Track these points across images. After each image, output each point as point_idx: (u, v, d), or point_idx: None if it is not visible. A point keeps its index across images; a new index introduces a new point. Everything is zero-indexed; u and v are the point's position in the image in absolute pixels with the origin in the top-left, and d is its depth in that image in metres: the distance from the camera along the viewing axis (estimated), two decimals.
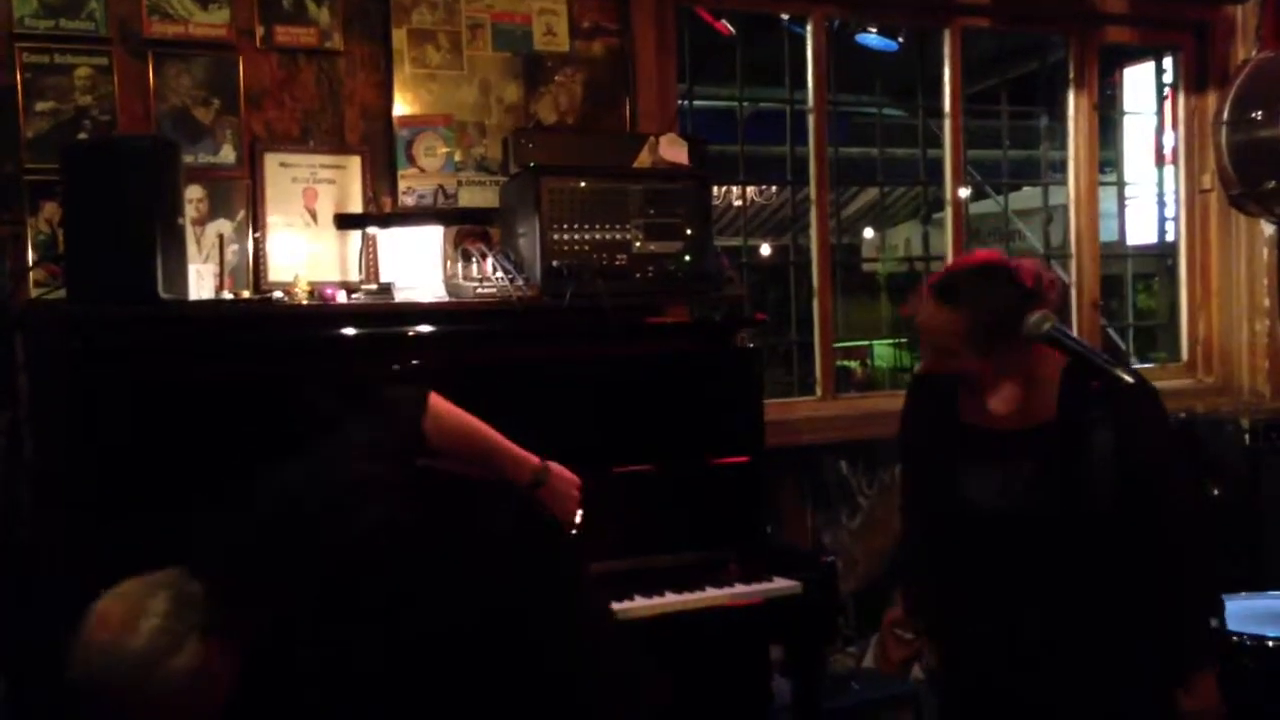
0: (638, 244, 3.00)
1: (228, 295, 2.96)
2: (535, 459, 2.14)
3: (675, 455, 2.92)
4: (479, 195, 3.34)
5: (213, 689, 1.79)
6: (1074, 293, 4.50)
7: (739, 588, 2.76)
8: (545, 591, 1.98)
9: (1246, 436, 3.92)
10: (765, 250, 8.00)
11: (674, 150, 3.15)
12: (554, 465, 2.16)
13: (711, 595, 2.72)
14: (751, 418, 3.09)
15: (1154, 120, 4.81)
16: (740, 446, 3.02)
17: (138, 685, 1.73)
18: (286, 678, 1.83)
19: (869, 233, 8.63)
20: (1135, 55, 4.87)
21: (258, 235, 3.12)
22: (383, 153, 3.26)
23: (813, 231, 4.09)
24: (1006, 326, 2.16)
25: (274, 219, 3.13)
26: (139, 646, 1.74)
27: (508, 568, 1.94)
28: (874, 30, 4.27)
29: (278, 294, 2.94)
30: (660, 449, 2.91)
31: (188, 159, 2.94)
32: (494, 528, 1.99)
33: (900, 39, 4.27)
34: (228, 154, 3.12)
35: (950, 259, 4.26)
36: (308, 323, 2.82)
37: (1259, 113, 4.18)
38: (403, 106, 3.29)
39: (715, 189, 4.43)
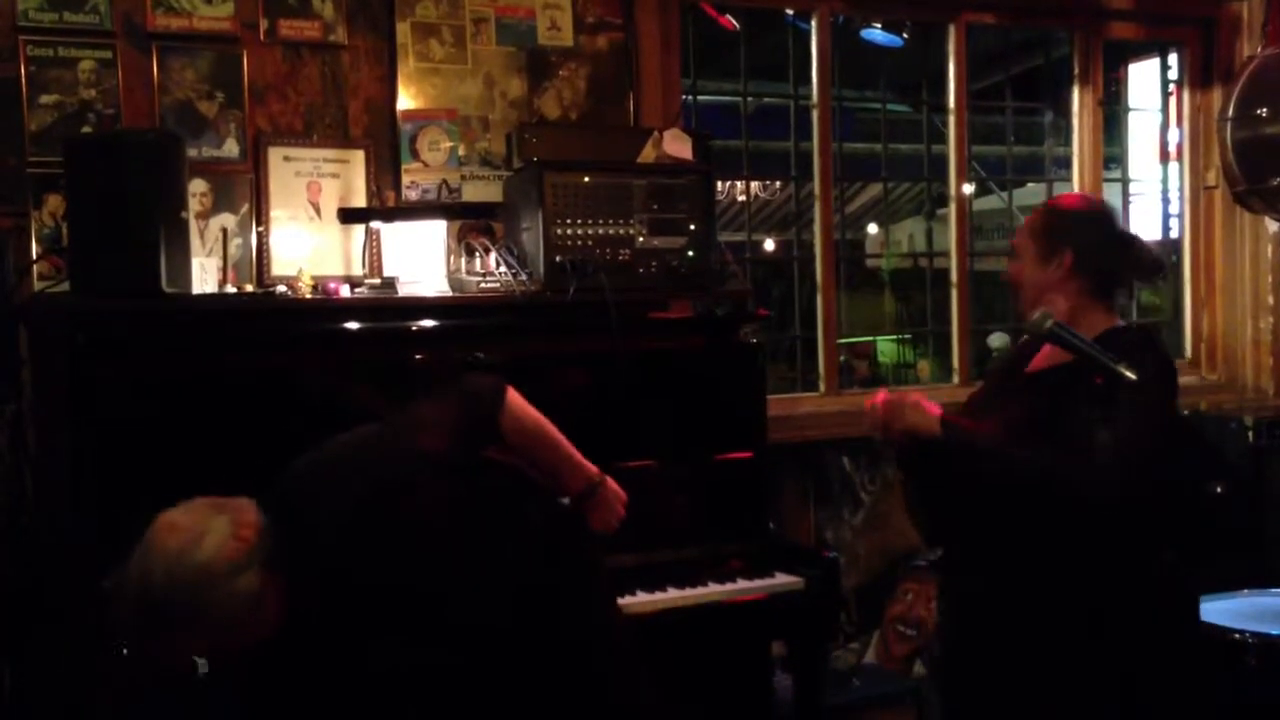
0: (641, 239, 3.00)
1: (231, 289, 2.97)
2: (594, 468, 2.17)
3: (678, 450, 2.92)
4: (482, 190, 3.34)
5: (258, 623, 1.83)
6: None
7: (741, 583, 2.76)
8: (575, 577, 2.07)
9: (1250, 434, 3.92)
10: (769, 245, 7.99)
11: (678, 145, 3.15)
12: (610, 479, 2.19)
13: (713, 591, 2.72)
14: (754, 413, 3.08)
15: (1158, 117, 4.80)
16: (743, 442, 3.01)
17: (196, 596, 1.77)
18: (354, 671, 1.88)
19: (873, 228, 8.62)
20: (1140, 51, 4.85)
21: (261, 229, 3.12)
22: (386, 147, 3.26)
23: (816, 227, 4.09)
24: (1062, 238, 2.29)
25: (277, 213, 3.13)
26: (203, 559, 1.78)
27: (542, 552, 2.02)
28: (878, 25, 4.26)
29: (281, 288, 2.94)
30: (663, 444, 2.91)
31: (191, 153, 2.94)
32: (528, 515, 2.06)
33: (905, 34, 4.26)
34: (231, 148, 3.12)
35: (954, 256, 4.26)
36: (311, 317, 2.82)
37: (1264, 109, 4.16)
38: (406, 100, 3.29)
39: (719, 184, 4.44)
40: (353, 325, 2.75)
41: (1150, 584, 2.25)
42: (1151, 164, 4.89)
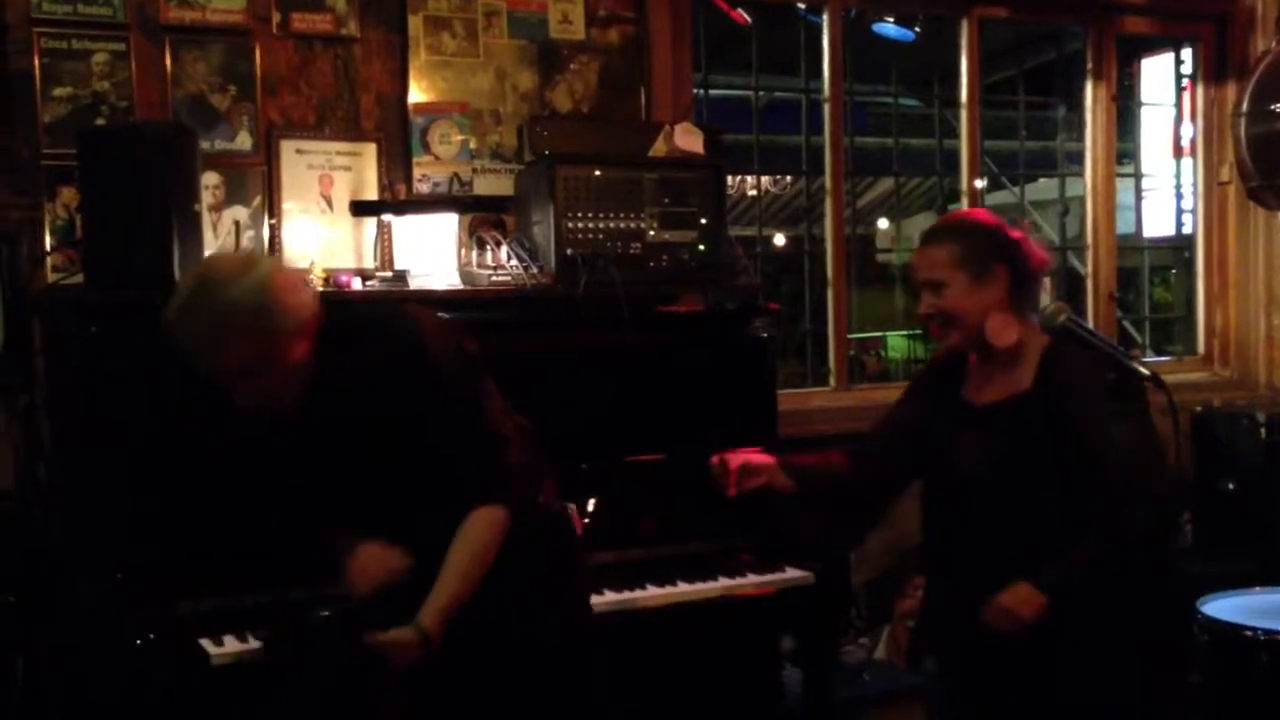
0: (652, 233, 3.00)
1: None
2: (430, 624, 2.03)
3: (688, 444, 2.92)
4: (494, 183, 3.34)
5: (302, 353, 2.01)
6: (1090, 285, 4.48)
7: (751, 577, 2.76)
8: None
9: (1263, 430, 3.90)
10: (780, 240, 7.99)
11: (689, 139, 3.15)
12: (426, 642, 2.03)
13: (723, 585, 2.72)
14: (765, 407, 3.09)
15: (1172, 112, 4.78)
16: (753, 436, 3.00)
17: (263, 292, 1.95)
18: None
19: (884, 223, 8.59)
20: (1154, 46, 4.83)
21: (273, 222, 3.12)
22: (398, 140, 3.27)
23: (827, 222, 4.08)
24: (992, 254, 2.23)
25: (289, 206, 3.14)
26: (266, 267, 2.01)
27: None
28: (890, 20, 4.25)
29: None
30: (673, 438, 2.91)
31: (204, 145, 2.94)
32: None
33: (917, 28, 4.25)
34: (244, 140, 3.12)
35: None
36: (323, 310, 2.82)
37: (1278, 105, 4.15)
38: (418, 94, 3.29)
39: (730, 178, 4.43)
40: None
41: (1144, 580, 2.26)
42: (1165, 159, 4.87)
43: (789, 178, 7.66)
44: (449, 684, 2.06)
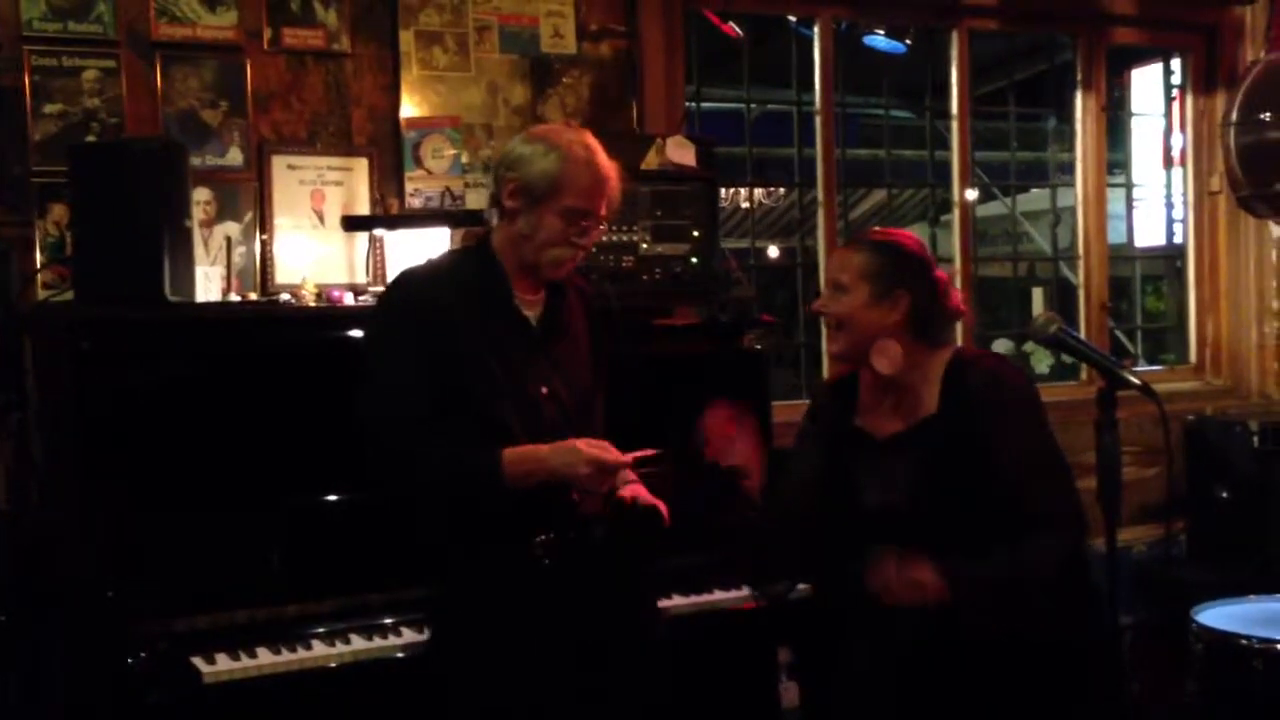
0: (645, 245, 3.00)
1: (235, 298, 2.97)
2: None
3: (683, 456, 2.91)
4: (486, 197, 3.34)
5: None
6: (1082, 295, 4.49)
7: (747, 590, 2.75)
8: None
9: (1255, 439, 3.91)
10: (773, 252, 7.99)
11: (681, 152, 3.15)
12: None
13: (719, 598, 2.71)
14: (759, 419, 3.07)
15: (1162, 122, 4.80)
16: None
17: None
18: None
19: None
20: (1143, 57, 4.86)
21: (265, 237, 3.12)
22: (390, 155, 3.27)
23: (820, 233, 4.09)
24: (901, 281, 2.22)
25: (281, 221, 3.13)
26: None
27: None
28: (881, 32, 4.26)
29: (285, 296, 2.94)
30: (667, 450, 2.89)
31: (195, 161, 2.94)
32: None
33: (908, 40, 4.26)
34: (235, 156, 3.12)
35: (958, 261, 4.25)
36: (315, 325, 2.81)
37: (1267, 114, 4.16)
38: (410, 108, 3.29)
39: (723, 191, 4.44)
40: (357, 333, 2.75)
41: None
42: (1155, 169, 4.90)
43: (782, 189, 7.68)
44: None
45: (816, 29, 4.01)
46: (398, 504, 2.53)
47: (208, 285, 2.87)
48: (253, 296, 3.01)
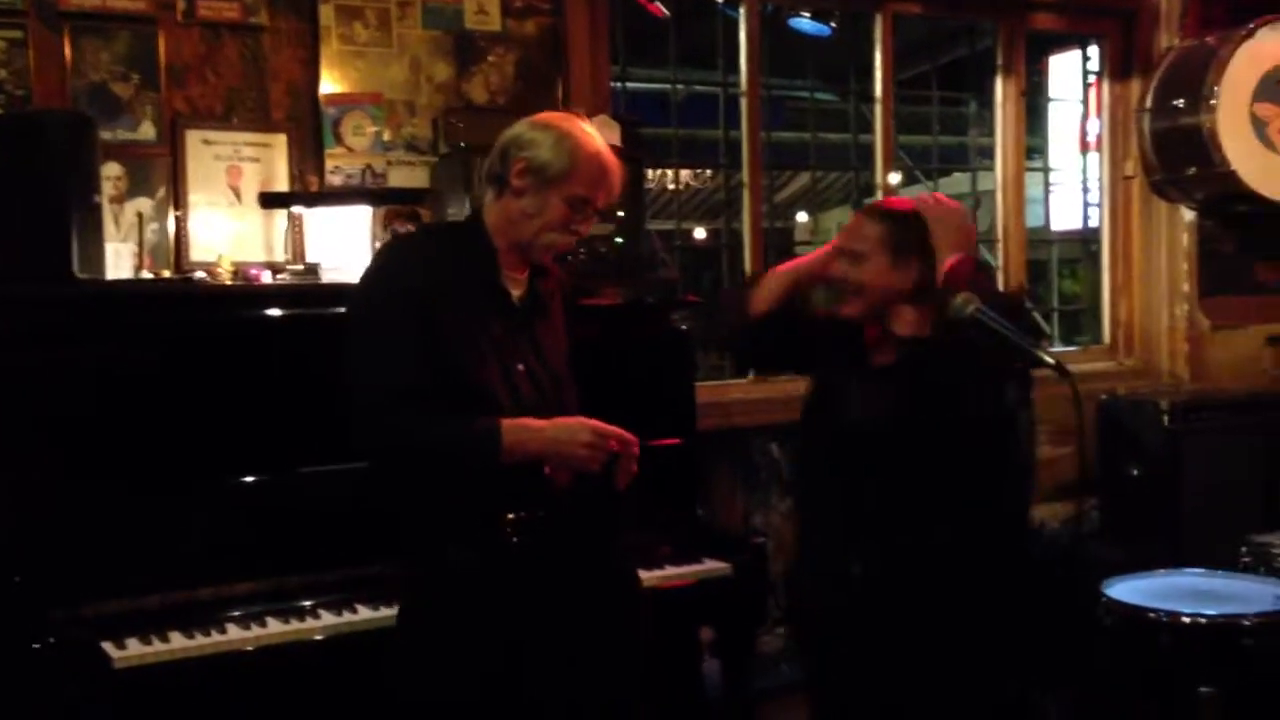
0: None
1: (147, 275, 2.90)
2: None
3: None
4: (409, 175, 3.30)
5: None
6: (1001, 277, 4.57)
7: (669, 570, 2.76)
8: None
9: (1166, 418, 4.01)
10: (699, 234, 8.01)
11: (607, 132, 3.11)
12: None
13: (642, 577, 2.71)
14: (684, 400, 3.09)
15: (1079, 108, 4.89)
16: (672, 429, 3.02)
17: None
18: None
19: (802, 217, 8.66)
20: (1062, 43, 4.94)
21: (179, 214, 3.05)
22: (309, 131, 3.21)
23: (745, 215, 4.10)
24: (914, 247, 2.30)
25: (196, 197, 3.06)
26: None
27: None
28: (807, 15, 4.28)
29: (200, 274, 2.88)
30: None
31: (106, 135, 2.87)
32: None
33: (833, 24, 4.29)
34: (147, 130, 3.04)
35: None
36: (231, 303, 2.76)
37: (1180, 100, 4.27)
38: (330, 84, 3.23)
39: (649, 172, 4.44)
40: (274, 312, 2.70)
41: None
42: (1072, 154, 4.99)
43: (709, 171, 7.69)
44: None
45: (742, 10, 4.02)
46: (315, 486, 2.51)
47: (119, 262, 2.80)
48: (166, 274, 2.95)
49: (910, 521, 2.24)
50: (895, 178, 4.45)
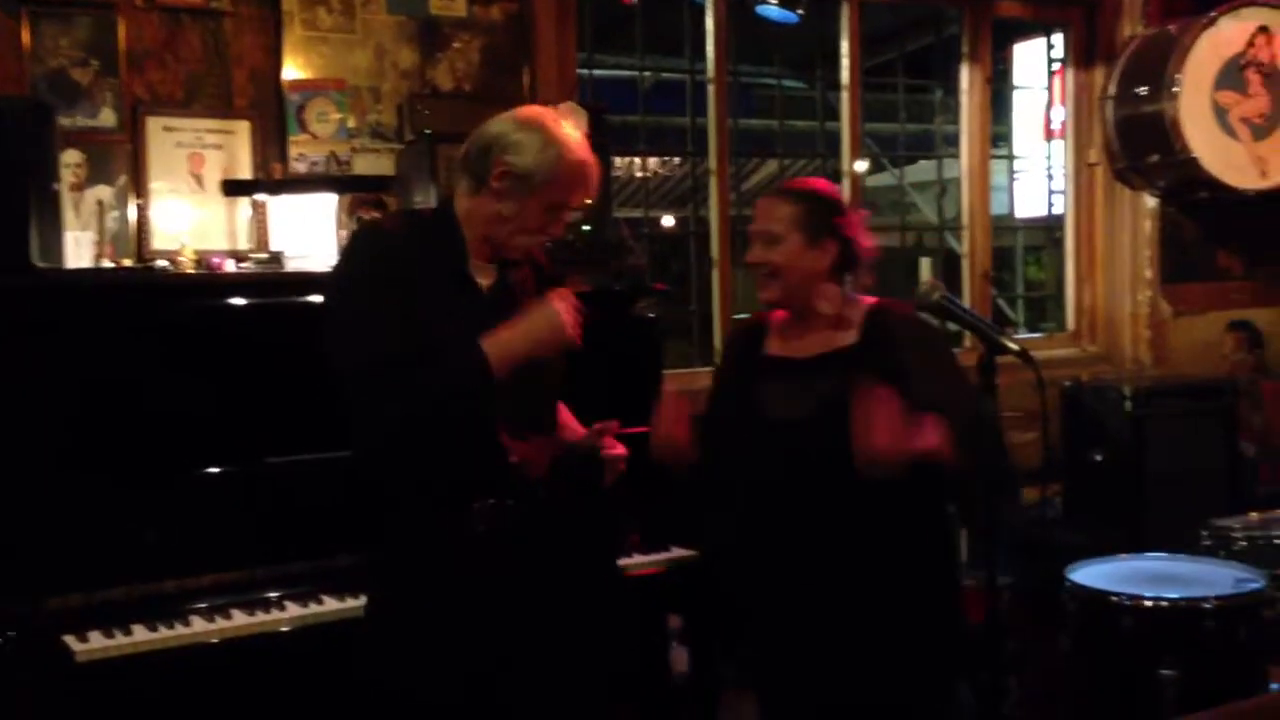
0: None
1: (108, 264, 2.86)
2: None
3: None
4: (373, 163, 3.27)
5: None
6: (966, 264, 4.60)
7: (637, 557, 2.76)
8: None
9: (1129, 404, 4.05)
10: (667, 221, 7.99)
11: (573, 119, 3.11)
12: None
13: None
14: (652, 388, 3.08)
15: (1043, 95, 4.92)
16: (640, 416, 2.99)
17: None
18: None
19: None
20: (1026, 31, 4.97)
21: (140, 202, 3.01)
22: (273, 118, 3.18)
23: (713, 203, 4.10)
24: (827, 227, 2.28)
25: (157, 185, 3.03)
26: None
27: None
28: (774, 1, 4.27)
29: (162, 263, 2.85)
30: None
31: (65, 122, 2.83)
32: None
33: (800, 11, 4.28)
34: (108, 117, 3.00)
35: None
36: (195, 293, 2.72)
37: (1144, 88, 4.31)
38: (293, 70, 3.20)
39: (617, 159, 4.42)
40: (238, 301, 2.67)
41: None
42: (1036, 142, 5.02)
43: (677, 159, 7.68)
44: None
45: None
46: (282, 477, 2.49)
47: (79, 251, 2.76)
48: (127, 263, 2.91)
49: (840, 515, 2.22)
50: (862, 165, 4.46)
